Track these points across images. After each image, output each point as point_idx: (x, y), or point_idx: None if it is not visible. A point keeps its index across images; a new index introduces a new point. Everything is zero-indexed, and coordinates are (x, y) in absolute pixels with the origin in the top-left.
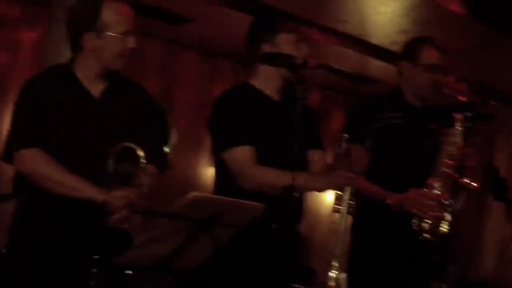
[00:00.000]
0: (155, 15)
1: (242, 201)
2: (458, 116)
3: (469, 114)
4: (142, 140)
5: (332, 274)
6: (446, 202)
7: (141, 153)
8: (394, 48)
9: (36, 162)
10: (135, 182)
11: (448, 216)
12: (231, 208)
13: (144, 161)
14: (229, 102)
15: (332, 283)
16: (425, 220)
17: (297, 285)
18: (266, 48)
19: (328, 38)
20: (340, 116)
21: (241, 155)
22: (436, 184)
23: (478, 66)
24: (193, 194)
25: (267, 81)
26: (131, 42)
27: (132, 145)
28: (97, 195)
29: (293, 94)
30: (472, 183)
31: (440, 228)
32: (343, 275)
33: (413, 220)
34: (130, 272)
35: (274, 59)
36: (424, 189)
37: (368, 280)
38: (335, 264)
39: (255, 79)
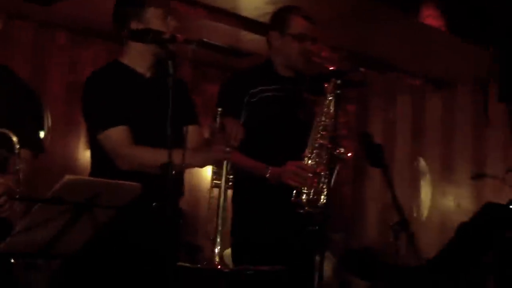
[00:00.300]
0: None
1: (119, 181)
2: (328, 84)
3: (339, 82)
4: (14, 125)
5: (217, 250)
6: (322, 173)
7: (14, 138)
8: (264, 19)
9: None
10: (10, 168)
11: (325, 187)
12: (108, 189)
13: (18, 146)
14: (99, 82)
15: (217, 259)
16: (303, 193)
17: (183, 263)
18: (134, 24)
19: (198, 12)
20: (214, 91)
21: (116, 136)
22: (312, 156)
23: (348, 34)
24: (67, 177)
25: (137, 58)
26: None
27: (5, 131)
28: None
29: (164, 70)
30: (346, 153)
31: (318, 199)
32: (228, 251)
33: (293, 193)
34: (12, 260)
35: (143, 36)
36: (301, 162)
37: (250, 254)
38: (219, 240)
39: (125, 56)
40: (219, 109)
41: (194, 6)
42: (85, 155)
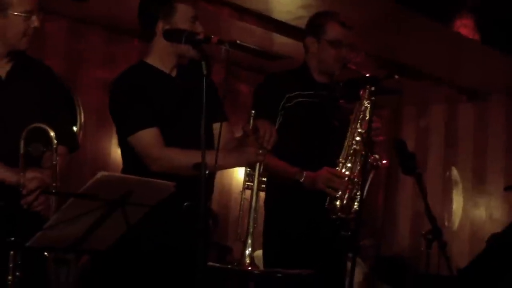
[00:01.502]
0: None
1: (153, 179)
2: (363, 91)
3: (374, 89)
4: (51, 120)
5: (247, 251)
6: (356, 180)
7: (52, 133)
8: (297, 23)
9: None
10: (46, 163)
11: (358, 194)
12: (141, 187)
13: (55, 141)
14: (127, 83)
15: (248, 261)
16: (337, 199)
17: (213, 264)
18: (161, 25)
19: (231, 14)
20: (246, 93)
21: (147, 138)
22: (346, 162)
23: (383, 41)
24: (101, 173)
25: (163, 58)
26: (34, 21)
27: (43, 126)
28: (9, 177)
29: (196, 70)
30: (381, 160)
31: (352, 206)
32: (258, 252)
33: (326, 199)
34: (46, 253)
35: (177, 36)
36: (336, 168)
37: (282, 257)
38: (250, 241)
39: (151, 56)
40: (253, 111)
41: (226, 7)
42: (117, 151)
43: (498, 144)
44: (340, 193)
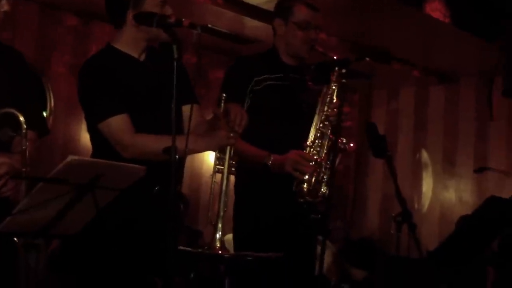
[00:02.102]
0: None
1: (122, 163)
2: (333, 74)
3: (343, 71)
4: (20, 105)
5: (218, 235)
6: (324, 163)
7: (21, 118)
8: (269, 6)
9: None
10: (15, 148)
11: (326, 177)
12: (111, 171)
13: (25, 126)
14: (95, 69)
15: (218, 244)
16: (304, 182)
17: (184, 247)
18: (132, 13)
19: None
20: (215, 76)
21: (117, 125)
22: (314, 145)
23: (352, 24)
24: (71, 157)
25: (131, 43)
26: (4, 5)
27: (13, 111)
28: None
29: (167, 54)
30: (348, 143)
31: (319, 189)
32: (229, 236)
33: (294, 183)
34: (16, 239)
35: (148, 19)
36: (303, 151)
37: (252, 240)
38: (220, 225)
39: (118, 41)
40: (223, 95)
41: None
42: (86, 136)
43: (468, 126)
44: (307, 176)
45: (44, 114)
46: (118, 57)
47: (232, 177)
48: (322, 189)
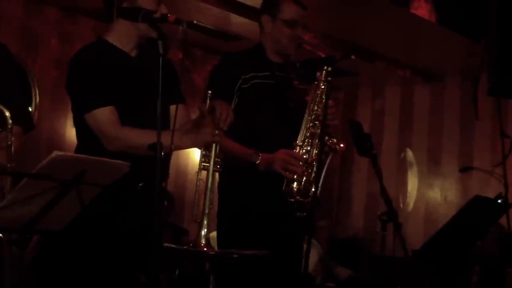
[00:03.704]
0: None
1: (107, 159)
2: (320, 72)
3: (330, 69)
4: (5, 100)
5: (203, 232)
6: (314, 163)
7: (7, 113)
8: (255, 3)
9: None
10: (1, 143)
11: (315, 176)
12: (96, 167)
13: (10, 121)
14: (86, 60)
15: (203, 242)
16: (294, 181)
17: (169, 244)
18: (127, 4)
19: None
20: (203, 73)
21: (104, 116)
22: (304, 145)
23: (337, 22)
24: (56, 153)
25: (123, 37)
26: None
27: None
28: None
29: (154, 50)
30: (338, 144)
31: (309, 189)
32: (214, 234)
33: (283, 181)
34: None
35: (133, 14)
36: (293, 150)
37: (236, 238)
38: (205, 222)
39: (111, 35)
40: (209, 92)
41: None
42: (72, 132)
43: (453, 126)
44: (297, 176)
45: (30, 109)
46: (109, 50)
47: (218, 175)
48: (313, 189)
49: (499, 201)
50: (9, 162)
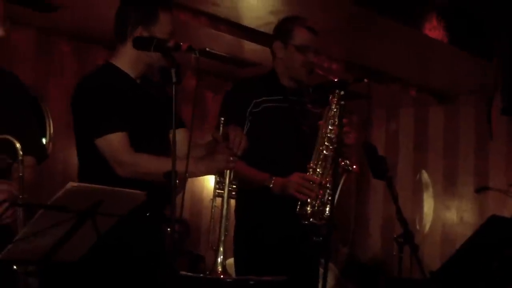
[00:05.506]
0: (26, 2)
1: (122, 189)
2: (333, 96)
3: (343, 93)
4: (18, 131)
5: (219, 259)
6: (328, 185)
7: (18, 145)
8: (267, 29)
9: None
10: (13, 174)
11: (330, 199)
12: (112, 197)
13: (21, 153)
14: (96, 84)
15: (220, 269)
16: (308, 204)
17: (185, 272)
18: (141, 30)
19: (200, 21)
20: (216, 100)
21: (117, 142)
22: (317, 167)
23: (350, 45)
24: (70, 184)
25: (131, 63)
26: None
27: (9, 137)
28: None
29: (168, 78)
30: (352, 165)
31: (324, 211)
32: (231, 260)
33: (297, 204)
34: (15, 267)
35: (147, 44)
36: (307, 173)
37: (253, 264)
38: (221, 249)
39: (119, 59)
40: (222, 119)
41: (197, 14)
42: None
43: (468, 146)
44: (311, 198)
45: (44, 139)
46: (118, 75)
47: (233, 201)
48: (327, 211)
49: None
50: (21, 193)
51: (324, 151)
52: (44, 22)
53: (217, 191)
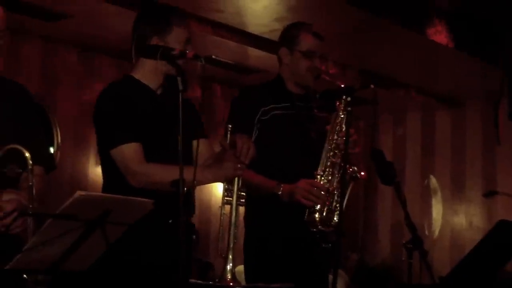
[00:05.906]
0: (31, 12)
1: (130, 197)
2: (340, 102)
3: (349, 99)
4: (26, 141)
5: (228, 267)
6: (336, 192)
7: (27, 154)
8: (272, 36)
9: None
10: (22, 184)
11: (338, 206)
12: (120, 205)
13: (30, 162)
14: (114, 96)
15: (229, 276)
16: (316, 211)
17: (195, 280)
18: (156, 40)
19: (205, 29)
20: (222, 107)
21: (129, 152)
22: (325, 174)
23: (356, 51)
24: (78, 193)
25: (149, 74)
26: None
27: (18, 147)
28: None
29: (174, 87)
30: (359, 172)
31: (332, 218)
32: (240, 268)
33: (305, 211)
34: (26, 276)
35: (152, 52)
36: (314, 180)
37: (263, 271)
38: (231, 257)
39: (138, 72)
40: (229, 126)
41: (202, 22)
42: (94, 171)
43: (475, 150)
44: (319, 205)
45: (51, 149)
46: (136, 87)
47: (241, 208)
48: (335, 218)
49: None
50: (31, 203)
51: (332, 158)
52: (50, 32)
53: (226, 198)
